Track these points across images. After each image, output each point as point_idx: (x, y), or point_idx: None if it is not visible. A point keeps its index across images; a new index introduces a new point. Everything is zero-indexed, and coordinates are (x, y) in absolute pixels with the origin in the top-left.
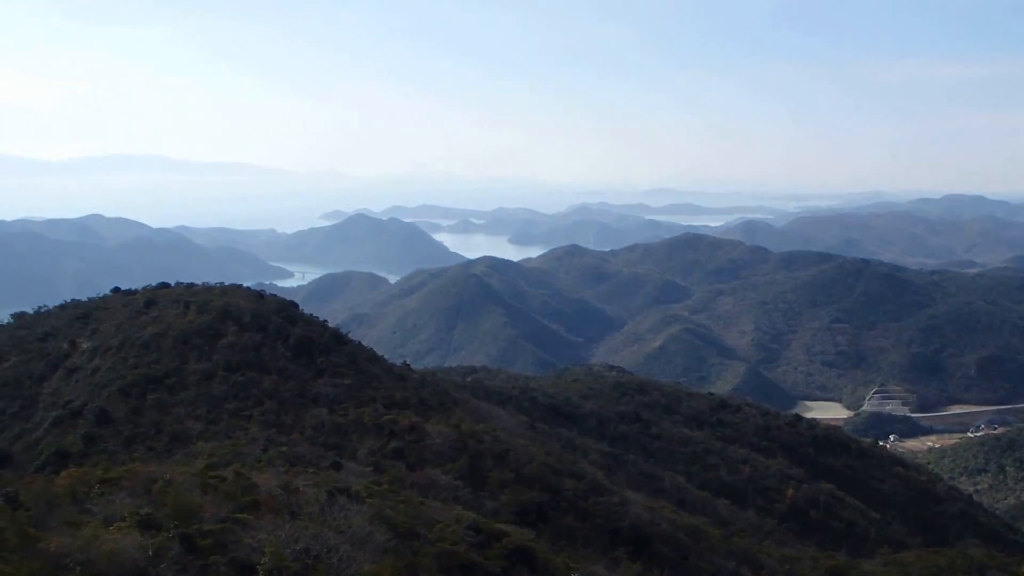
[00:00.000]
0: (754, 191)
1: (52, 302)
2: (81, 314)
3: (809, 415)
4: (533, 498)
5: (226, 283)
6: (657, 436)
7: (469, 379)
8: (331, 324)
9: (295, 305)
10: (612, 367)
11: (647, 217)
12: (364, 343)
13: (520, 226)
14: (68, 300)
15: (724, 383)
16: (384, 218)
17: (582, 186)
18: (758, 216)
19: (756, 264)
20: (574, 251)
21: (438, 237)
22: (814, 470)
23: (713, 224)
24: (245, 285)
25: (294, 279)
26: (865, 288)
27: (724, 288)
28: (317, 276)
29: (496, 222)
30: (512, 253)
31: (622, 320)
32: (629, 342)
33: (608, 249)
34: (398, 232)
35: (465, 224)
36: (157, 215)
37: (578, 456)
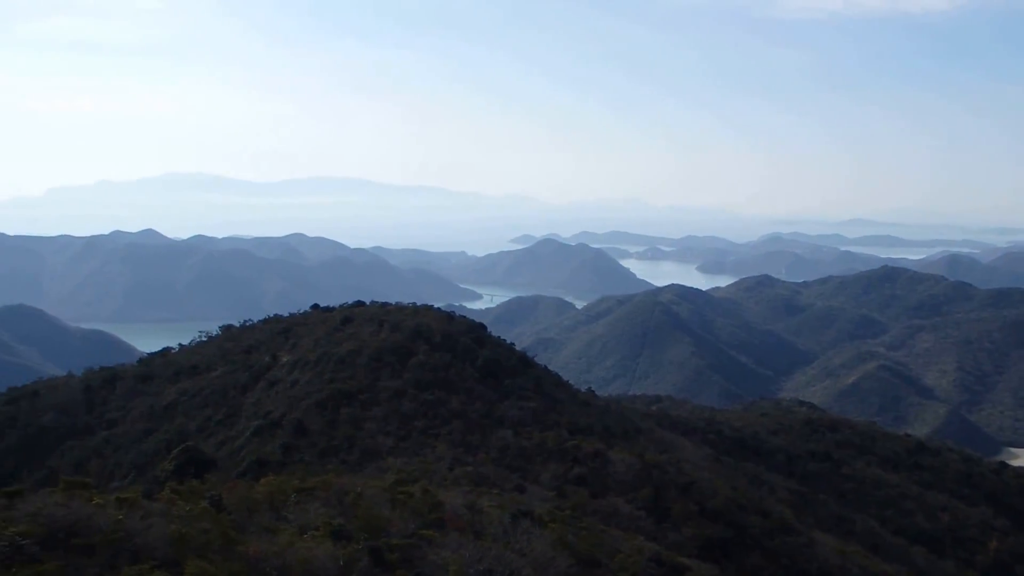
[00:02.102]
0: (959, 224)
1: (256, 316)
2: (282, 329)
3: (1016, 463)
4: (717, 533)
5: (418, 303)
6: (849, 477)
7: (654, 408)
8: (518, 347)
9: (483, 327)
10: (802, 402)
11: (842, 248)
12: (550, 367)
13: (709, 255)
14: (271, 315)
15: (922, 425)
16: (572, 243)
17: (774, 215)
18: (963, 250)
19: (960, 301)
20: (765, 282)
21: (626, 264)
22: (1021, 522)
23: (913, 257)
24: (436, 306)
25: (483, 301)
26: None
27: (924, 325)
28: (505, 299)
29: (685, 250)
30: (701, 282)
31: (813, 354)
32: (820, 377)
33: (800, 280)
34: (586, 257)
35: (654, 251)
36: (355, 236)
37: (765, 493)
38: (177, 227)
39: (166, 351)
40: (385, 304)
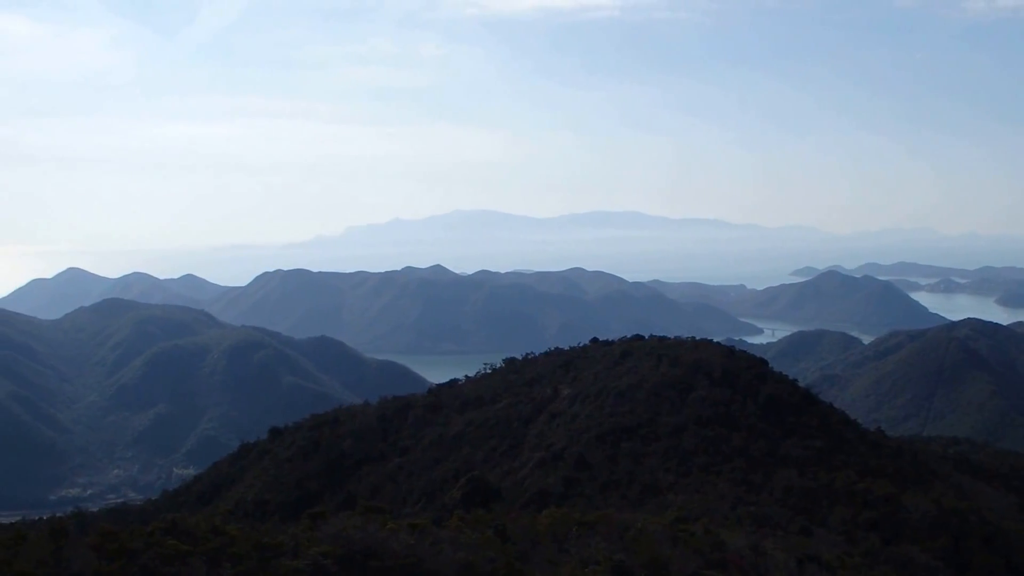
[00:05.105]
0: None
1: (538, 349)
2: (563, 362)
3: None
4: None
5: (697, 337)
6: None
7: (951, 451)
8: (801, 384)
9: (765, 362)
10: None
11: None
12: (835, 405)
13: (1010, 286)
14: (552, 348)
15: None
16: (857, 275)
17: None
18: None
19: None
20: None
21: (915, 296)
22: None
23: None
24: (715, 340)
25: (764, 336)
26: None
27: None
28: (787, 333)
29: (982, 281)
30: (1001, 316)
31: None
32: None
33: None
34: (872, 290)
35: (946, 283)
36: (633, 269)
37: None
38: (463, 262)
39: (453, 382)
40: (664, 338)
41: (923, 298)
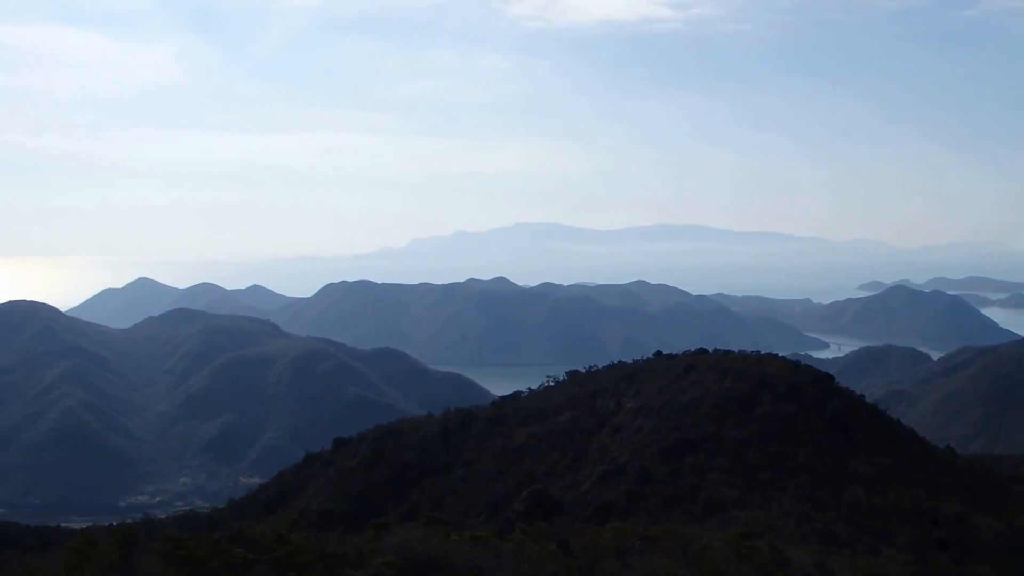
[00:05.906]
0: None
1: (601, 362)
2: (626, 375)
3: None
4: None
5: (761, 351)
6: None
7: (1023, 470)
8: (867, 399)
9: (831, 377)
10: None
11: None
12: (903, 422)
13: None
14: (615, 361)
15: None
16: (926, 290)
17: None
18: None
19: None
20: None
21: (986, 311)
22: None
23: None
24: (780, 354)
25: (830, 350)
26: None
27: None
28: (853, 348)
29: None
30: None
31: None
32: None
33: None
34: (941, 305)
35: (1018, 298)
36: (696, 282)
37: None
38: (526, 275)
39: (516, 395)
40: (728, 352)
41: (994, 313)
